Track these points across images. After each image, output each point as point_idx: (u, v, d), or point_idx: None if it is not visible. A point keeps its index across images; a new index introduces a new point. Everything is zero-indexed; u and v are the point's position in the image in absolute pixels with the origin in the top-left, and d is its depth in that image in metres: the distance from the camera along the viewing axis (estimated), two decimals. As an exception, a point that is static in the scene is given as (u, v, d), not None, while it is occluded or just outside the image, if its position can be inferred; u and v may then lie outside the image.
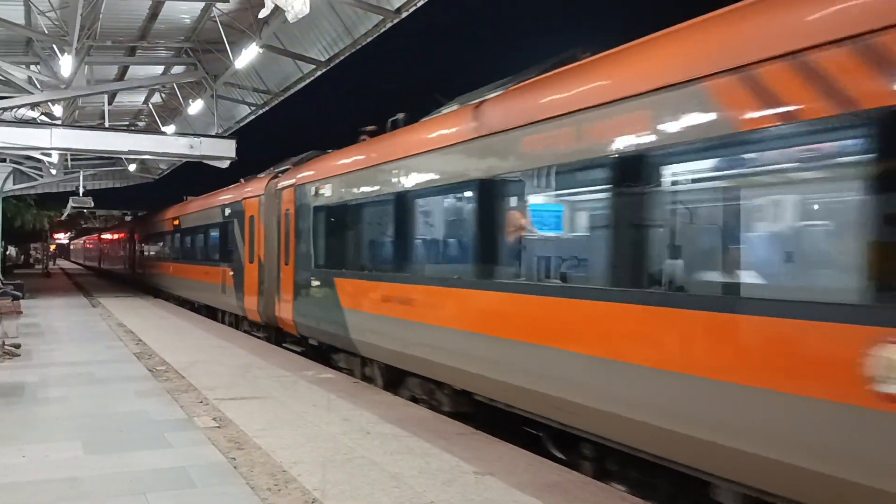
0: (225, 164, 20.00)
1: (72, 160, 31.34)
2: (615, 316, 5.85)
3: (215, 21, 16.71)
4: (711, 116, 5.13)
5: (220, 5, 16.32)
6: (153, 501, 5.43)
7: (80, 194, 33.59)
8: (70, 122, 22.74)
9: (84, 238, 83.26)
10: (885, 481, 4.03)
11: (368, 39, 15.94)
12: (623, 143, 5.82)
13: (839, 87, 4.33)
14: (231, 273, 17.99)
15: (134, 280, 36.44)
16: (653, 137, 5.56)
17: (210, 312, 20.97)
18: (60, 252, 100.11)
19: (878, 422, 4.02)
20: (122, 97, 25.84)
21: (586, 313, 6.18)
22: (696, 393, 5.13)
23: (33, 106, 20.34)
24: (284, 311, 13.87)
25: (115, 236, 49.22)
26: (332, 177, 12.17)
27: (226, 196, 19.58)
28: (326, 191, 12.32)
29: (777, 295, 4.85)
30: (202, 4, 16.75)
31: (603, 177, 6.10)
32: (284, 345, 14.55)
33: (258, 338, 15.96)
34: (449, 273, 8.62)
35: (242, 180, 18.90)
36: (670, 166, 5.65)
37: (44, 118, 21.49)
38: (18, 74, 18.34)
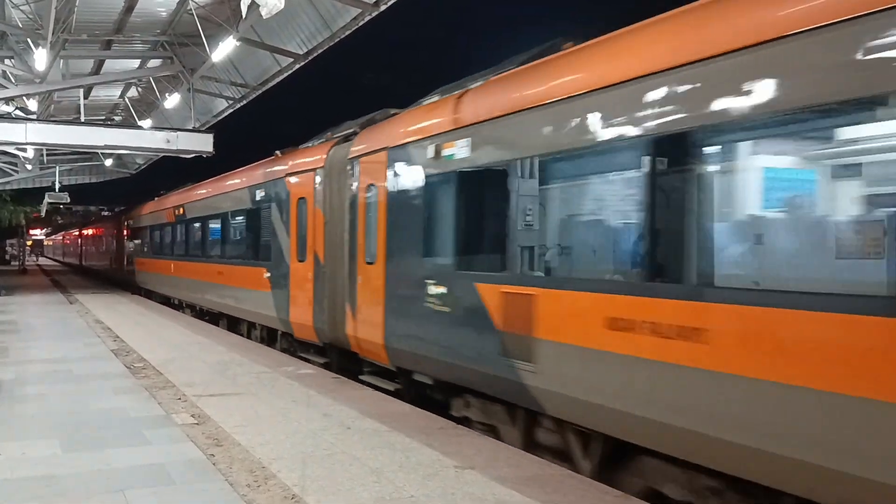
0: (204, 157, 19.86)
1: (48, 155, 31.00)
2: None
3: (192, 14, 16.54)
4: None
5: (196, -2, 16.17)
6: (131, 499, 5.39)
7: (57, 189, 33.24)
8: (45, 117, 22.47)
9: (53, 236, 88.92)
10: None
11: (347, 33, 15.88)
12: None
13: None
14: (114, 258, 34.05)
15: (82, 269, 49.86)
16: None
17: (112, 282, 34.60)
18: (36, 248, 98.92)
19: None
20: (98, 91, 25.55)
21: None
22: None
23: (7, 100, 20.05)
24: (136, 277, 28.13)
25: (73, 235, 64.07)
26: (136, 215, 28.25)
27: (113, 218, 36.14)
28: (134, 221, 28.76)
29: None
30: (178, -3, 16.61)
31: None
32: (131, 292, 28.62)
33: (133, 293, 28.45)
34: (163, 253, 23.07)
35: (116, 209, 34.75)
36: None
37: (18, 113, 21.21)
38: (-9, 68, 18.10)
